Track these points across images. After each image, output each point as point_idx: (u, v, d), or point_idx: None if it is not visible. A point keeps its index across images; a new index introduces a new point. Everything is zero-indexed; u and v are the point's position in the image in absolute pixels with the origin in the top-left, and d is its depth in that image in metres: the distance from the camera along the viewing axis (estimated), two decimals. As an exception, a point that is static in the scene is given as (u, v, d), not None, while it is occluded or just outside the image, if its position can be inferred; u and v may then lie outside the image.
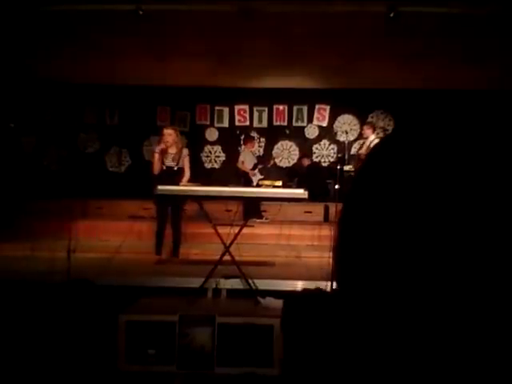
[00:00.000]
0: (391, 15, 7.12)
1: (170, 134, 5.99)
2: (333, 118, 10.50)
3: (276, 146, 10.61)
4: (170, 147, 5.97)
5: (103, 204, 8.70)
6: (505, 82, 8.93)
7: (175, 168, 5.97)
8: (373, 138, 8.16)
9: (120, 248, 6.65)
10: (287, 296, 4.07)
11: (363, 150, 8.23)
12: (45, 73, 9.72)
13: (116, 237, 7.30)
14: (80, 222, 7.08)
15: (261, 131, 10.60)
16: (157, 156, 6.01)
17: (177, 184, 5.76)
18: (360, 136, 10.28)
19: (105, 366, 3.49)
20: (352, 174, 8.78)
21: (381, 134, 9.21)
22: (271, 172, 9.82)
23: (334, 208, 7.24)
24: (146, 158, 10.35)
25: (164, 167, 5.97)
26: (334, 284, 4.38)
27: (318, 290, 4.23)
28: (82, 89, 10.21)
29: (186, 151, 6.10)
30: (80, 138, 10.60)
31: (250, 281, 4.28)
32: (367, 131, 8.33)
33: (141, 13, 7.37)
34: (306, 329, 3.35)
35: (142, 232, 7.16)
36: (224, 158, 10.61)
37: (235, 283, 4.43)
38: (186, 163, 6.08)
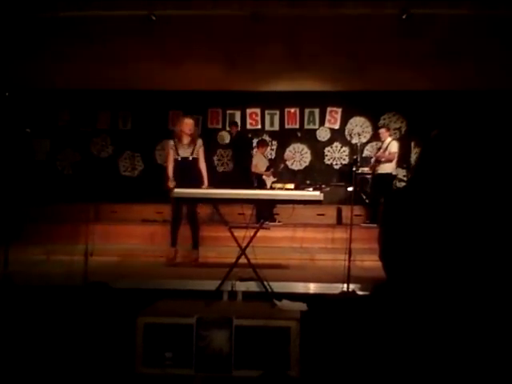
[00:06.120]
0: (403, 17, 7.14)
1: (186, 123, 5.99)
2: (344, 120, 10.46)
3: (288, 149, 10.59)
4: (184, 137, 5.98)
5: (117, 208, 8.76)
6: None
7: (190, 158, 5.98)
8: (389, 140, 8.18)
9: (134, 251, 6.72)
10: (310, 298, 4.07)
11: (381, 153, 8.24)
12: (58, 78, 9.83)
13: (130, 240, 7.38)
14: (94, 226, 7.13)
15: (272, 134, 10.60)
16: (171, 152, 6.03)
17: (193, 175, 5.86)
18: (372, 138, 10.26)
19: (122, 369, 3.51)
20: (366, 176, 8.80)
21: (395, 136, 9.21)
22: (283, 174, 9.85)
23: (347, 210, 7.24)
24: (158, 162, 10.40)
25: (179, 158, 5.98)
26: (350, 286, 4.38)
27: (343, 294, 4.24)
28: (94, 94, 10.29)
29: (200, 142, 6.11)
30: (93, 142, 10.68)
31: (266, 283, 4.29)
32: (385, 134, 8.36)
33: (154, 18, 7.46)
34: (328, 331, 3.35)
35: (156, 235, 7.21)
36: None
37: (251, 286, 4.44)
38: (200, 154, 6.08)
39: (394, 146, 8.04)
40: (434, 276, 1.10)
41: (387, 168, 7.98)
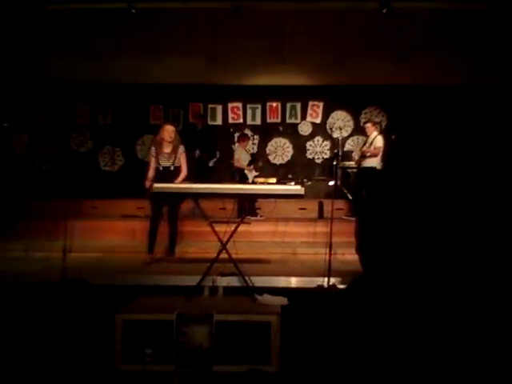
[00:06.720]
0: (384, 11, 7.15)
1: (167, 130, 5.94)
2: (326, 114, 10.48)
3: (269, 144, 10.59)
4: (165, 145, 5.93)
5: (97, 204, 8.66)
6: (495, 77, 8.98)
7: (172, 168, 5.92)
8: (375, 135, 8.22)
9: (115, 247, 6.66)
10: (291, 293, 4.07)
11: (366, 147, 8.28)
12: (36, 72, 9.66)
13: (110, 236, 7.30)
14: (74, 222, 7.04)
15: (254, 128, 10.57)
16: (153, 160, 5.97)
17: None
18: (353, 132, 10.31)
19: (102, 366, 3.48)
20: (348, 170, 8.85)
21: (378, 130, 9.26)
22: (265, 169, 9.83)
23: (329, 204, 7.26)
24: (139, 157, 10.32)
25: (160, 168, 5.91)
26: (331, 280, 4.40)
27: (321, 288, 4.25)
28: (73, 88, 10.14)
29: (182, 148, 6.05)
30: (72, 137, 10.53)
31: (247, 278, 4.28)
32: (370, 128, 8.41)
33: (133, 11, 7.35)
34: (309, 325, 3.35)
35: (137, 231, 7.14)
36: (218, 156, 10.55)
37: (232, 280, 4.43)
38: (182, 160, 6.04)
39: (379, 141, 8.09)
40: (409, 268, 1.09)
41: (372, 162, 8.02)
